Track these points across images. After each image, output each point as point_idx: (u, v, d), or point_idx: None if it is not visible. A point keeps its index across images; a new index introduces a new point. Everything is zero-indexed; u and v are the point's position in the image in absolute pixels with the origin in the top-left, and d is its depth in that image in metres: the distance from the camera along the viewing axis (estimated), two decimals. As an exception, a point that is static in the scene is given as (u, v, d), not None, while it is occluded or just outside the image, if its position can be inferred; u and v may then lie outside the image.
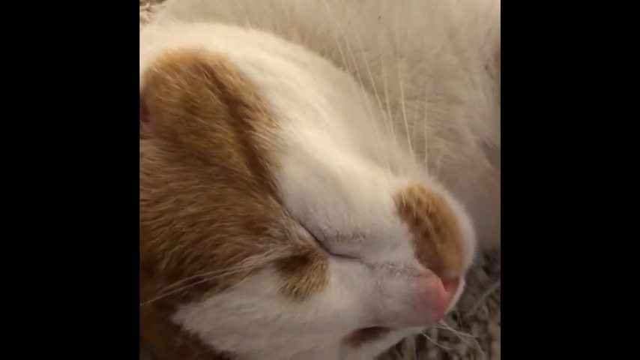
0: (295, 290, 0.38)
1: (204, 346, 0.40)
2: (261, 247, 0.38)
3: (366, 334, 0.44)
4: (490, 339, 0.58)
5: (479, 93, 0.49)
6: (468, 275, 0.57)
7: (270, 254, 0.38)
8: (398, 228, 0.41)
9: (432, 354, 0.56)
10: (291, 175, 0.39)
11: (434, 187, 0.45)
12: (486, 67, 0.50)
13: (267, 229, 0.38)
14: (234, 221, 0.38)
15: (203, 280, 0.38)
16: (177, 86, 0.42)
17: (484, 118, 0.50)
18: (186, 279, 0.38)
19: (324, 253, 0.40)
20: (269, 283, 0.38)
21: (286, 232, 0.39)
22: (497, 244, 0.58)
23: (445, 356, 0.57)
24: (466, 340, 0.56)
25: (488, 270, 0.61)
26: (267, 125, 0.40)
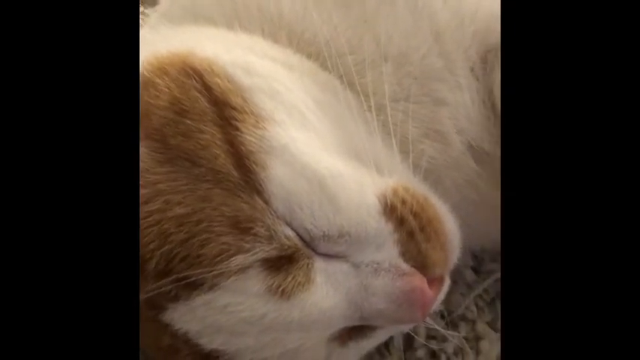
0: (281, 289, 0.39)
1: (192, 345, 0.41)
2: (248, 246, 0.38)
3: (353, 332, 0.44)
4: (478, 338, 0.58)
5: (464, 95, 0.50)
6: (456, 275, 0.57)
7: (257, 254, 0.39)
8: (383, 228, 0.42)
9: (420, 353, 0.56)
10: (278, 176, 0.40)
11: (419, 188, 0.46)
12: (471, 70, 0.50)
13: (253, 228, 0.39)
14: (221, 221, 0.39)
15: (191, 279, 0.38)
16: (167, 89, 0.42)
17: (469, 119, 0.50)
18: (175, 277, 0.38)
19: (310, 252, 0.40)
20: (256, 282, 0.39)
21: (272, 232, 0.39)
22: (483, 243, 0.59)
23: (433, 355, 0.57)
24: (454, 339, 0.56)
25: (476, 270, 0.62)
26: (254, 127, 0.41)
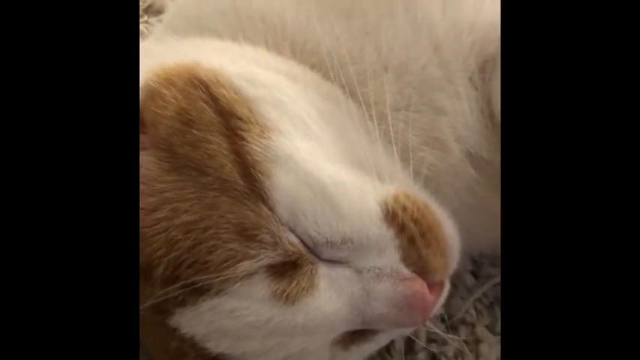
0: (286, 294, 0.40)
1: (199, 349, 0.41)
2: (253, 253, 0.39)
3: (355, 336, 0.45)
4: (477, 341, 0.59)
5: (463, 104, 0.51)
6: (455, 279, 0.58)
7: (262, 260, 0.39)
8: (384, 234, 0.42)
9: (421, 356, 0.57)
10: (282, 184, 0.41)
11: (419, 194, 0.46)
12: (470, 79, 0.51)
13: (258, 235, 0.40)
14: (227, 228, 0.39)
15: (198, 285, 0.39)
16: (173, 100, 0.43)
17: (468, 127, 0.51)
18: (182, 283, 0.39)
19: (313, 258, 0.41)
20: (261, 287, 0.40)
21: (277, 239, 0.40)
22: (482, 248, 0.60)
23: (433, 358, 0.58)
24: (454, 343, 0.57)
25: (475, 274, 0.63)
26: (259, 137, 0.42)
